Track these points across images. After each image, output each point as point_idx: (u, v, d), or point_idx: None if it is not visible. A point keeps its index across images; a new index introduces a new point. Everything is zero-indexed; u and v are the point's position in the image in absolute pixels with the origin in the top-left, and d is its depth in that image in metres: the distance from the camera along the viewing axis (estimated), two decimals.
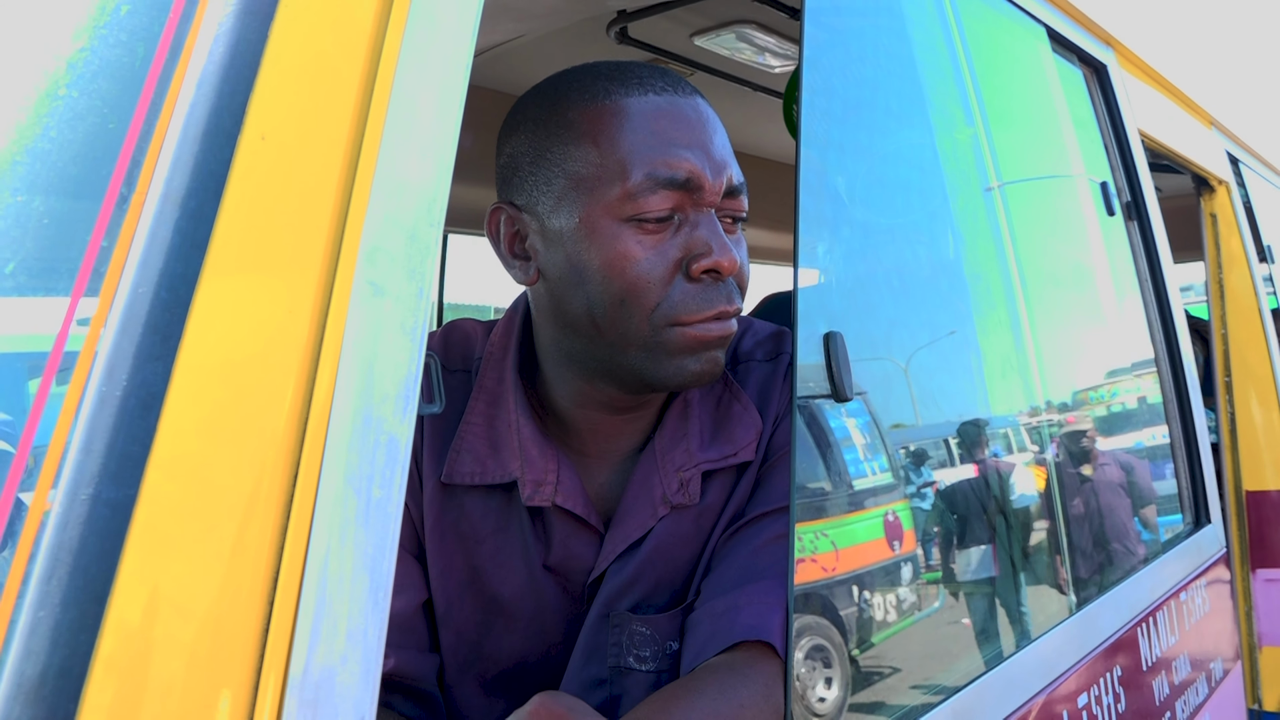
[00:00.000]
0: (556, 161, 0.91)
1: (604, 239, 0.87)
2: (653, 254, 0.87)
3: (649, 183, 0.87)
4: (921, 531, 1.17)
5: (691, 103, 0.92)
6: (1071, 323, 1.66)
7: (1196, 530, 1.81)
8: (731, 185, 0.92)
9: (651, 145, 0.88)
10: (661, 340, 0.89)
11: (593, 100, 0.91)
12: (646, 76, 0.92)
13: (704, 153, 0.90)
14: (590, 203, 0.88)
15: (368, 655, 0.51)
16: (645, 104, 0.90)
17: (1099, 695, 1.26)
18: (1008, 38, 1.58)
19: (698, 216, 0.89)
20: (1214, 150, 2.62)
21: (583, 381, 0.96)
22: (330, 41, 0.56)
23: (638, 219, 0.87)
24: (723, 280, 0.90)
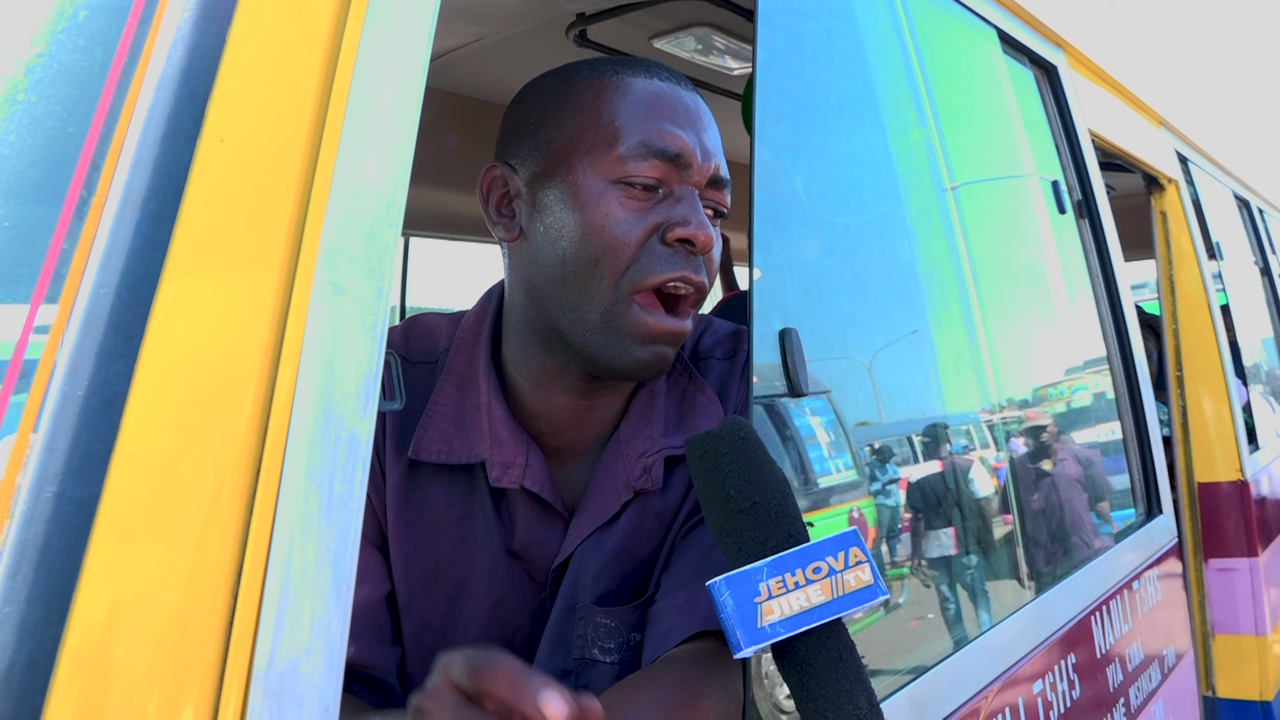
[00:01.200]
0: (556, 126, 0.95)
1: (590, 198, 0.91)
2: (633, 217, 0.91)
3: (641, 149, 0.91)
4: (880, 526, 1.19)
5: (692, 96, 0.98)
6: (1024, 319, 1.69)
7: (1149, 521, 1.85)
8: (718, 175, 0.96)
9: (648, 117, 0.93)
10: (620, 314, 0.91)
11: (600, 76, 0.96)
12: (655, 67, 0.98)
13: (697, 137, 0.95)
14: (582, 163, 0.92)
15: (331, 647, 0.52)
16: (648, 85, 0.96)
17: (1054, 682, 1.29)
18: (959, 40, 1.61)
19: (682, 191, 0.93)
20: (1163, 149, 2.67)
21: (545, 356, 0.98)
22: (288, 44, 0.57)
23: (625, 182, 0.91)
24: (695, 255, 0.93)
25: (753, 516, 0.70)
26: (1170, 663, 1.80)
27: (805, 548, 0.69)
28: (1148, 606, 1.72)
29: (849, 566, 0.70)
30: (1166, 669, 1.77)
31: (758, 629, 0.67)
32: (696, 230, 0.91)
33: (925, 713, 1.03)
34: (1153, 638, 1.72)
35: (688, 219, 0.91)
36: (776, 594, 0.68)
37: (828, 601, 0.68)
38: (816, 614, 0.68)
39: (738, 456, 0.71)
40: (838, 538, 0.71)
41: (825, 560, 0.69)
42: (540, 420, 1.01)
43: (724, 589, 0.68)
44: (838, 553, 0.70)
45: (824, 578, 0.69)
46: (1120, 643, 1.55)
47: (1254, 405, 3.07)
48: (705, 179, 0.95)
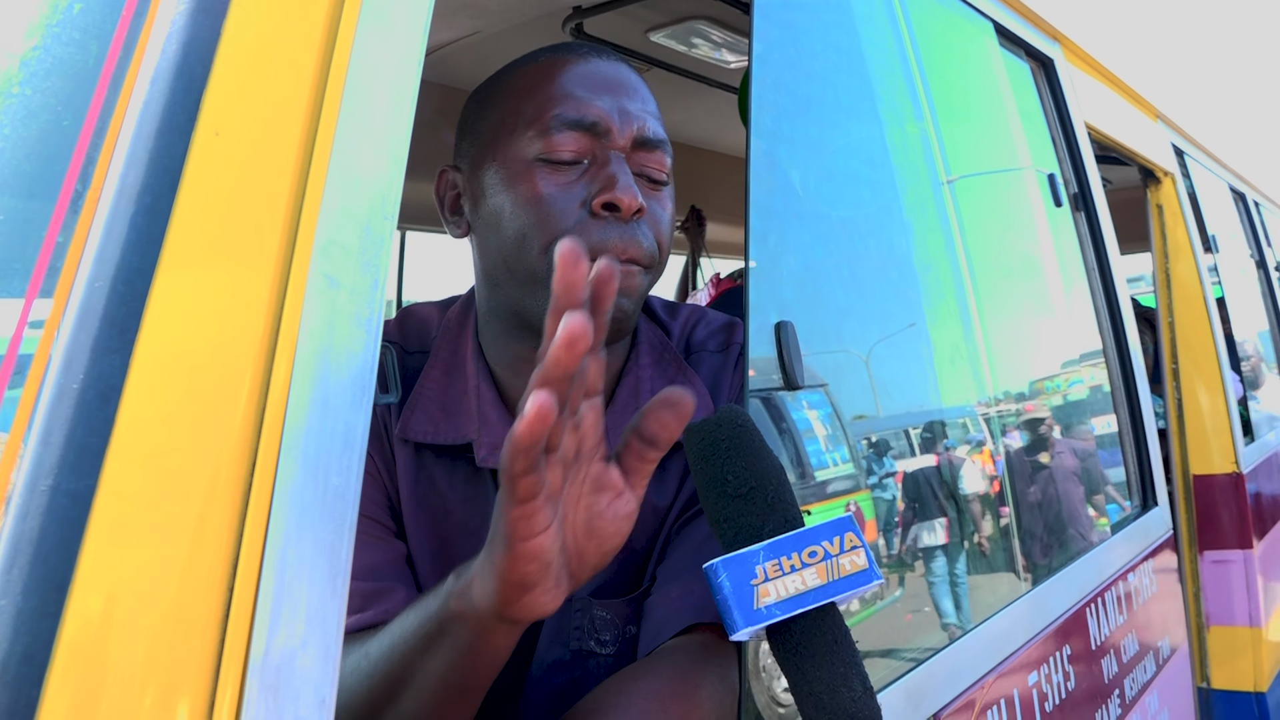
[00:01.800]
0: (485, 117, 0.98)
1: (515, 179, 0.93)
2: (558, 190, 0.92)
3: (556, 122, 0.92)
4: (877, 519, 1.19)
5: (614, 65, 0.98)
6: (1020, 312, 1.70)
7: (1144, 513, 1.86)
8: (645, 137, 0.95)
9: (564, 93, 0.94)
10: None
11: (523, 64, 0.98)
12: (579, 48, 0.99)
13: (615, 102, 0.94)
14: (506, 148, 0.94)
15: (327, 639, 0.53)
16: (568, 64, 0.96)
17: (1049, 674, 1.30)
18: (956, 33, 1.61)
19: (605, 157, 0.93)
20: (1159, 142, 2.68)
21: (516, 343, 0.99)
22: (283, 37, 0.57)
23: (546, 158, 0.92)
24: (626, 221, 0.91)
25: (750, 501, 0.71)
26: (1165, 654, 1.81)
27: (802, 532, 0.70)
28: (1143, 598, 1.72)
29: (844, 551, 0.70)
30: (1161, 660, 1.78)
31: (754, 610, 0.68)
32: (620, 193, 0.90)
33: (922, 704, 1.03)
34: (1148, 629, 1.73)
35: (610, 183, 0.91)
36: (773, 576, 0.68)
37: (824, 585, 0.69)
38: (813, 596, 0.69)
39: (735, 443, 0.72)
40: (834, 523, 0.71)
41: (821, 544, 0.70)
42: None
43: (721, 571, 0.69)
44: (833, 537, 0.70)
45: (820, 561, 0.70)
46: (1115, 634, 1.56)
47: (1249, 397, 3.07)
48: (629, 142, 0.94)
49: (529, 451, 0.56)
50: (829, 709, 0.67)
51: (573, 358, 0.55)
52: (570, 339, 0.55)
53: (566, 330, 0.55)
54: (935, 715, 1.04)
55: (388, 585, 0.94)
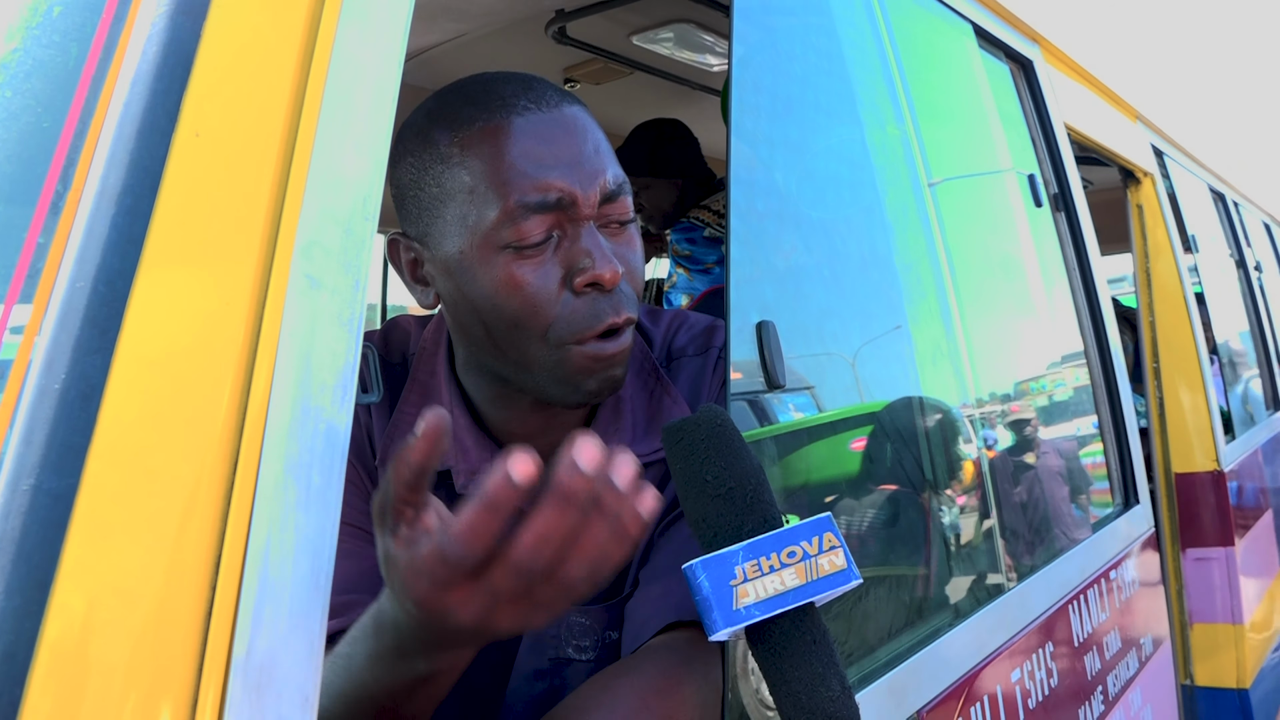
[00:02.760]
0: (432, 192, 0.91)
1: (486, 267, 0.88)
2: (535, 276, 0.87)
3: (520, 210, 0.86)
4: (859, 518, 1.20)
5: (557, 115, 0.91)
6: (1001, 312, 1.71)
7: (1125, 511, 1.87)
8: (607, 191, 0.90)
9: (519, 170, 0.87)
10: (561, 359, 0.89)
11: (459, 128, 0.90)
12: (510, 95, 0.91)
13: (574, 167, 0.89)
14: (469, 233, 0.88)
15: (310, 639, 0.53)
16: (510, 126, 0.89)
17: (1032, 670, 1.31)
18: (935, 34, 1.62)
19: (576, 230, 0.89)
20: (1139, 143, 2.70)
21: (498, 385, 0.98)
22: (263, 39, 0.58)
23: (515, 246, 0.87)
24: (607, 292, 0.89)
25: (728, 501, 0.71)
26: (1148, 651, 1.82)
27: (780, 532, 0.70)
28: (1125, 595, 1.74)
29: (823, 551, 0.71)
30: (1144, 657, 1.79)
31: (733, 610, 0.68)
32: (600, 270, 0.87)
33: (904, 702, 1.04)
34: (1130, 626, 1.74)
35: (590, 260, 0.87)
36: (752, 577, 0.69)
37: (802, 585, 0.69)
38: (792, 596, 0.69)
39: (714, 442, 0.72)
40: (812, 523, 0.72)
41: (800, 544, 0.70)
42: (504, 431, 1.01)
43: (700, 571, 0.69)
44: (812, 537, 0.71)
45: (798, 561, 0.70)
46: (1098, 631, 1.57)
47: (1230, 396, 3.10)
48: (594, 205, 0.89)
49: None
50: (807, 708, 0.67)
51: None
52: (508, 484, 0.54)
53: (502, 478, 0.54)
54: (918, 712, 1.05)
55: (357, 598, 0.94)
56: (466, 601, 0.58)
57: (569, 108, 0.92)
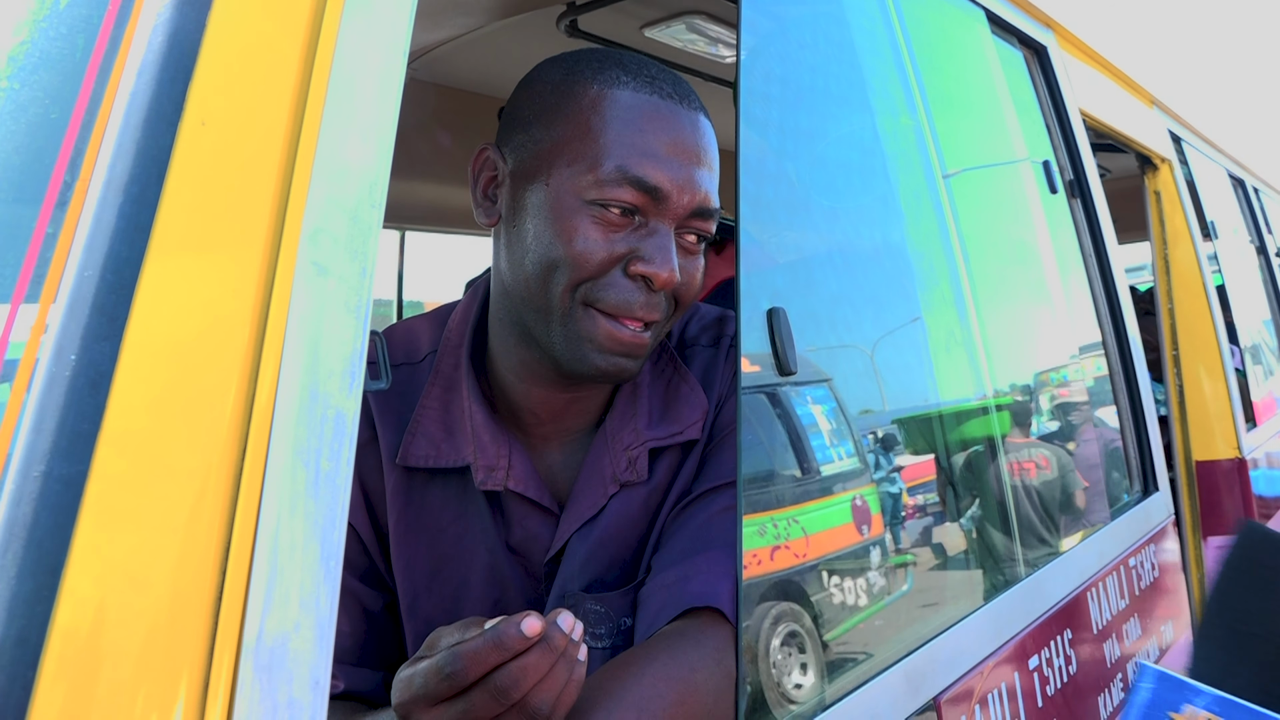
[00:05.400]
0: (548, 126, 0.94)
1: (562, 211, 0.90)
2: (601, 239, 0.90)
3: (618, 175, 0.89)
4: (872, 508, 1.20)
5: (692, 116, 0.94)
6: (1017, 299, 1.70)
7: (1145, 498, 1.86)
8: (700, 207, 0.93)
9: (634, 142, 0.90)
10: (576, 318, 0.91)
11: (600, 83, 0.93)
12: (660, 78, 0.94)
13: (683, 169, 0.91)
14: (563, 175, 0.91)
15: (320, 621, 0.53)
16: (646, 102, 0.92)
17: (1050, 658, 1.30)
18: (947, 21, 1.61)
19: (656, 224, 0.91)
20: (1156, 129, 2.67)
21: (523, 349, 0.99)
22: (268, 28, 0.58)
23: (599, 204, 0.89)
24: (655, 291, 0.91)
25: (1238, 640, 0.64)
26: (1169, 638, 1.81)
27: (1260, 710, 0.62)
28: (1144, 582, 1.72)
29: None
30: (1165, 644, 1.78)
31: None
32: (659, 269, 0.89)
33: (921, 688, 1.04)
34: (1150, 613, 1.73)
35: (653, 256, 0.90)
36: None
37: None
38: None
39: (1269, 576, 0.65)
40: None
41: None
42: (525, 413, 1.02)
43: (1151, 677, 0.63)
44: None
45: None
46: (1117, 618, 1.56)
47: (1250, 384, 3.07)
48: (686, 212, 0.92)
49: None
50: None
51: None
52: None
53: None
54: (934, 699, 1.04)
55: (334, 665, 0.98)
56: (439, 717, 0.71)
57: (705, 119, 0.96)
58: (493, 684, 0.69)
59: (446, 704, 0.71)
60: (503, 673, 0.69)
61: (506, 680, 0.69)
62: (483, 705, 0.70)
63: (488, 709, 0.70)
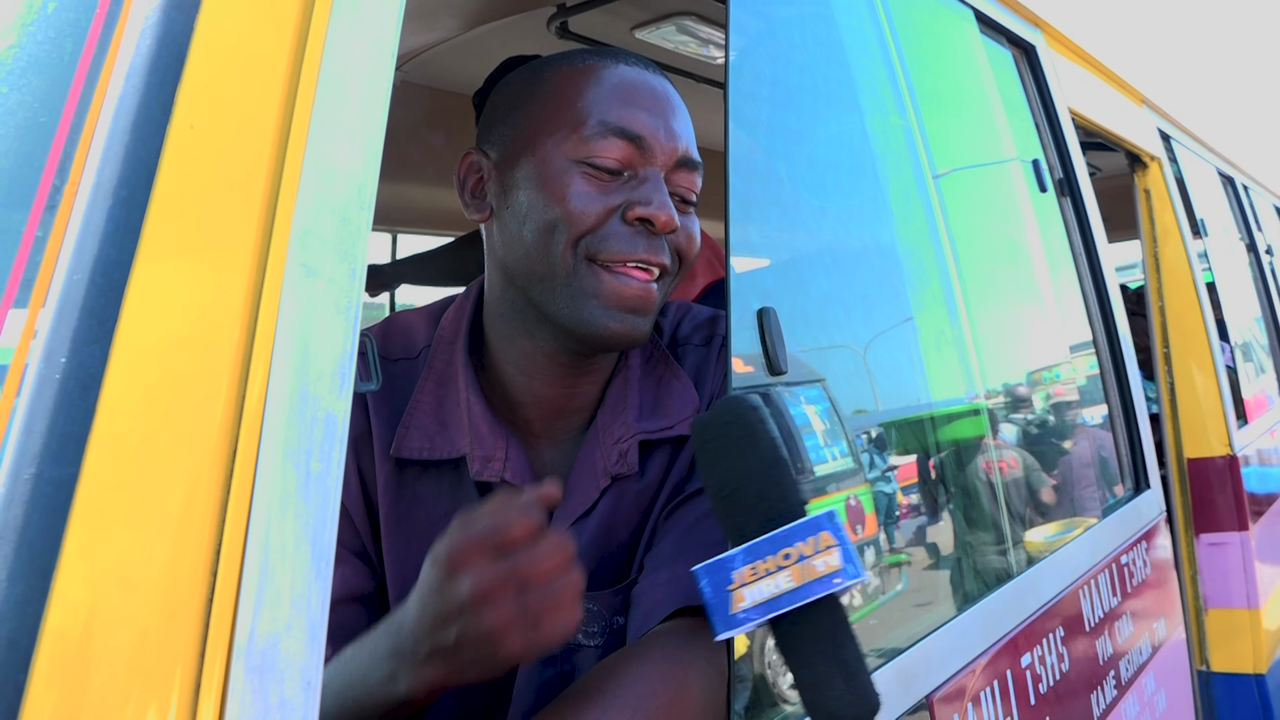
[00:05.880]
0: (525, 111, 0.98)
1: (553, 174, 0.93)
2: (594, 193, 0.93)
3: (602, 128, 0.93)
4: (877, 510, 1.20)
5: (659, 80, 0.99)
6: (1008, 298, 1.70)
7: (1136, 496, 1.87)
8: (684, 158, 0.97)
9: (612, 101, 0.95)
10: (580, 276, 0.93)
11: (570, 64, 0.98)
12: (625, 56, 1.00)
13: (660, 119, 0.96)
14: (547, 144, 0.94)
15: (312, 622, 0.53)
16: (616, 72, 0.97)
17: (1042, 655, 1.30)
18: (936, 20, 1.62)
19: (646, 173, 0.94)
20: (1145, 127, 2.68)
21: (526, 340, 0.99)
22: (256, 31, 0.58)
23: (588, 161, 0.93)
24: (656, 234, 0.93)
25: (732, 503, 0.71)
26: (1161, 636, 1.82)
27: (775, 534, 0.70)
28: (1136, 580, 1.73)
29: (819, 551, 0.70)
30: (1158, 642, 1.79)
31: (730, 616, 0.69)
32: (657, 210, 0.92)
33: (913, 687, 1.04)
34: (1142, 611, 1.73)
35: (649, 199, 0.92)
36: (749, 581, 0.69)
37: (796, 588, 0.69)
38: (785, 600, 0.69)
39: (723, 442, 0.72)
40: (808, 522, 0.71)
41: (795, 546, 0.70)
42: (522, 408, 1.02)
43: (702, 576, 0.70)
44: (807, 537, 0.70)
45: (793, 564, 0.69)
46: (1109, 616, 1.56)
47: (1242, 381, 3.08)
48: (671, 161, 0.96)
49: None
50: (813, 706, 0.68)
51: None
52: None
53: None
54: (927, 697, 1.05)
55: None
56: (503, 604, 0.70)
57: (671, 86, 1.01)
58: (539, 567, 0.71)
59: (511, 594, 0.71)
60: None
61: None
62: (539, 587, 0.71)
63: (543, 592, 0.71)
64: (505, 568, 0.70)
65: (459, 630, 0.71)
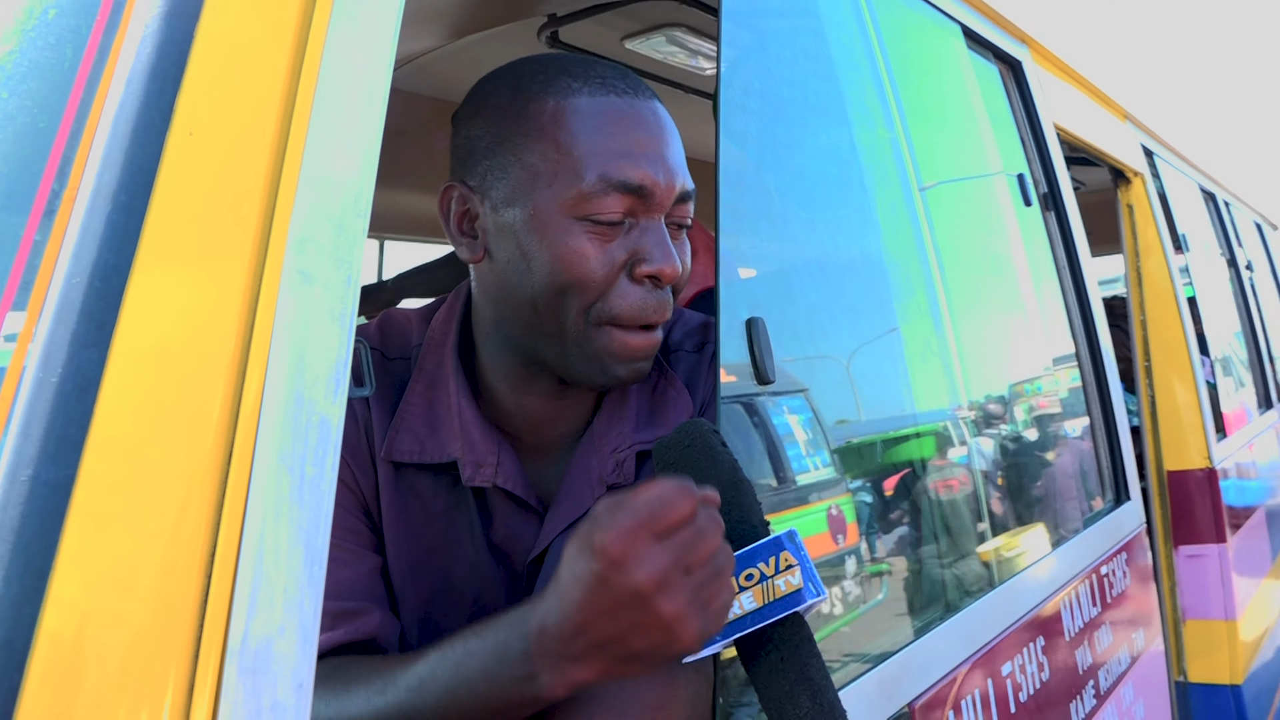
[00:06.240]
0: (513, 151, 0.93)
1: (555, 233, 0.91)
2: (601, 253, 0.91)
3: (603, 185, 0.90)
4: (858, 520, 1.21)
5: (650, 107, 0.96)
6: (992, 311, 1.72)
7: (1116, 507, 1.88)
8: (681, 193, 0.95)
9: (609, 148, 0.91)
10: (592, 338, 0.93)
11: (554, 96, 0.93)
12: (609, 77, 0.95)
13: (659, 160, 0.93)
14: (545, 197, 0.91)
15: (304, 624, 0.54)
16: (605, 105, 0.93)
17: (1022, 664, 1.32)
18: (923, 35, 1.63)
19: (648, 222, 0.93)
20: (1129, 143, 2.71)
21: (519, 366, 1.00)
22: (255, 40, 0.59)
23: (590, 218, 0.90)
24: (660, 287, 0.93)
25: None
26: (1140, 646, 1.83)
27: (736, 554, 0.69)
28: (1116, 590, 1.75)
29: (779, 571, 0.70)
30: (1136, 652, 1.80)
31: None
32: (664, 265, 0.91)
33: (895, 694, 1.05)
34: (1121, 621, 1.75)
35: (653, 255, 0.91)
36: None
37: (759, 608, 0.69)
38: (749, 620, 0.68)
39: (684, 464, 0.72)
40: (769, 542, 0.70)
41: (757, 566, 0.69)
42: (514, 418, 1.03)
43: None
44: (769, 558, 0.70)
45: (755, 584, 0.69)
46: (1089, 626, 1.58)
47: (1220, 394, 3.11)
48: (670, 201, 0.94)
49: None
50: None
51: None
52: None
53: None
54: (909, 705, 1.06)
55: (359, 605, 0.96)
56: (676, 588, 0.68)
57: (658, 104, 0.97)
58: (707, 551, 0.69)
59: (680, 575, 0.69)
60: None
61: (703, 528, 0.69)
62: (705, 573, 0.69)
63: (707, 578, 0.69)
64: (676, 551, 0.68)
65: (631, 621, 0.69)
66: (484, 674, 0.77)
